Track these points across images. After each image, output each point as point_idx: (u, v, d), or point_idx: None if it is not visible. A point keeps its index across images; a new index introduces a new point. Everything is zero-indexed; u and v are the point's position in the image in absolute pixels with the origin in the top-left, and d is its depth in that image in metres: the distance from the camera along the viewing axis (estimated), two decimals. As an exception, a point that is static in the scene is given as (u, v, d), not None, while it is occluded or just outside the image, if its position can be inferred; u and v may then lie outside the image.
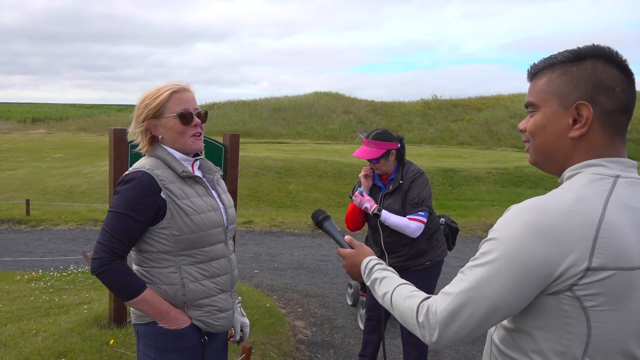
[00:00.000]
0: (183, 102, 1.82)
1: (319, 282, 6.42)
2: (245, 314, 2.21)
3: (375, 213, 3.16)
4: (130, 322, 4.07)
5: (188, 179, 1.85)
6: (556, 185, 1.14)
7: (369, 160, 3.23)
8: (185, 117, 1.82)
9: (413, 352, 3.38)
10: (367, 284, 1.39)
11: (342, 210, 11.79)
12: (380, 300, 1.30)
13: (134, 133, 1.87)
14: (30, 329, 3.94)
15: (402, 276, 3.60)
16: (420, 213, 3.15)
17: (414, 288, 1.23)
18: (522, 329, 1.08)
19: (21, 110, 55.92)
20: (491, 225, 1.22)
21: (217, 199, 1.96)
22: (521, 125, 1.21)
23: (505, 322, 1.13)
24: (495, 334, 1.17)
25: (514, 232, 1.01)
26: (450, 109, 34.44)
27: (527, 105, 1.17)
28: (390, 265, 3.25)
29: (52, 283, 5.85)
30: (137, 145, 1.91)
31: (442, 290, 1.12)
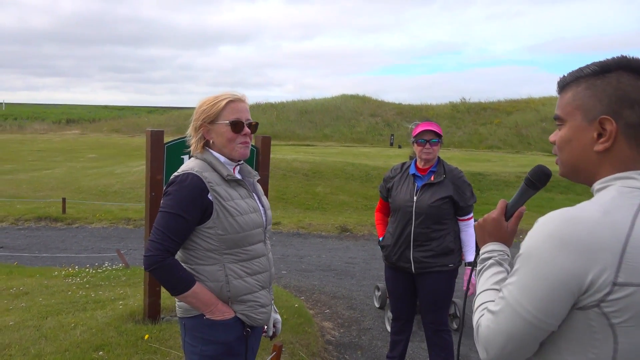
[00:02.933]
0: (237, 111, 1.95)
1: (346, 284, 6.46)
2: (278, 311, 2.31)
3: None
4: (164, 318, 4.21)
5: (232, 182, 1.96)
6: (588, 190, 1.15)
7: (430, 140, 3.21)
8: (236, 126, 1.94)
9: (439, 353, 3.39)
10: (477, 268, 1.30)
11: (368, 214, 11.82)
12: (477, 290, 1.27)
13: (190, 136, 2.00)
14: (69, 323, 4.10)
15: (422, 278, 3.58)
16: (472, 213, 3.30)
17: (489, 297, 1.18)
18: (550, 341, 1.08)
19: (56, 111, 57.68)
20: (520, 232, 1.22)
21: (258, 201, 2.06)
22: (551, 137, 1.22)
23: None
24: None
25: (538, 244, 1.02)
26: (479, 112, 34.04)
27: (555, 119, 1.19)
28: (414, 259, 3.26)
29: (88, 279, 6.04)
30: (179, 148, 2.03)
31: (487, 307, 1.14)
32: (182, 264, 1.95)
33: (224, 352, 1.95)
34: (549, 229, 1.02)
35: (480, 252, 1.33)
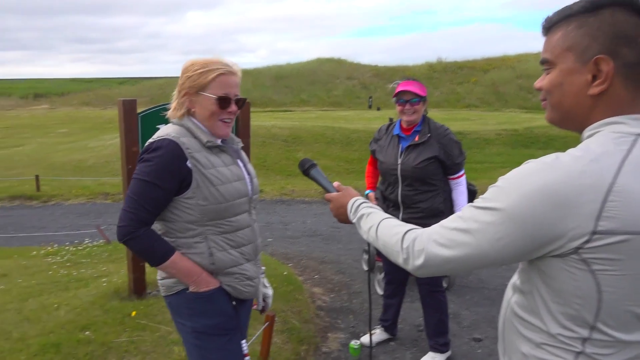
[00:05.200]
0: (226, 86, 1.80)
1: (334, 248, 6.42)
2: (268, 285, 2.21)
3: None
4: (150, 293, 4.10)
5: (214, 148, 1.82)
6: (567, 145, 1.09)
7: (410, 100, 3.07)
8: (223, 101, 1.79)
9: (434, 314, 3.38)
10: (354, 221, 1.40)
11: (352, 177, 11.78)
12: (365, 235, 1.31)
13: (174, 99, 1.85)
14: (52, 303, 3.96)
15: None
16: (462, 171, 3.21)
17: (402, 222, 1.23)
18: (535, 291, 1.05)
19: (22, 86, 55.71)
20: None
21: (243, 169, 1.93)
22: (537, 83, 1.13)
23: (519, 285, 1.12)
24: (513, 297, 1.15)
25: (521, 187, 0.97)
26: (456, 71, 33.98)
27: (542, 62, 1.10)
28: (404, 219, 3.18)
29: (68, 257, 5.88)
30: (154, 117, 1.88)
31: (438, 223, 1.12)
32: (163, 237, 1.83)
33: (215, 325, 1.86)
34: (533, 175, 0.97)
35: (350, 207, 1.43)
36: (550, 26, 1.08)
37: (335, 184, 1.58)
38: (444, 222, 1.10)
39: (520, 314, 1.10)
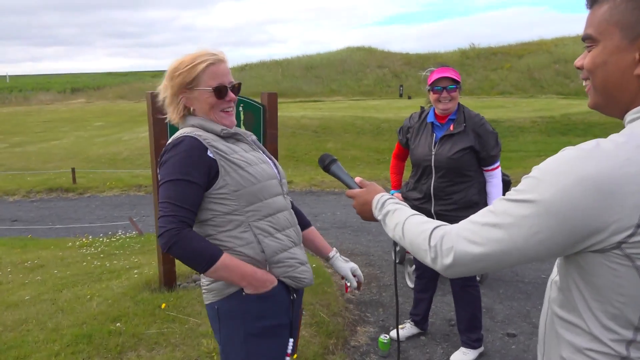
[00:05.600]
0: (218, 75, 1.73)
1: (363, 240, 6.35)
2: (347, 259, 2.09)
3: None
4: (180, 285, 4.13)
5: (229, 137, 1.76)
6: (606, 133, 0.98)
7: (446, 87, 2.97)
8: (220, 92, 1.73)
9: (467, 308, 3.27)
10: (379, 218, 1.34)
11: (381, 168, 11.64)
12: (391, 233, 1.26)
13: (165, 101, 1.79)
14: (85, 294, 4.04)
15: None
16: (497, 163, 3.09)
17: (430, 219, 1.16)
18: (574, 287, 0.99)
19: (60, 81, 57.32)
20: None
21: (264, 155, 1.87)
22: (577, 61, 1.03)
23: (558, 281, 1.05)
24: (552, 294, 1.08)
25: (559, 177, 0.90)
26: (489, 57, 33.12)
27: (584, 39, 1.00)
28: (436, 212, 3.10)
29: (102, 248, 6.00)
30: None
31: (467, 219, 1.04)
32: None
33: (274, 326, 1.74)
34: (571, 162, 0.90)
35: (375, 204, 1.37)
36: None
37: (357, 179, 1.54)
38: (474, 217, 1.03)
39: (560, 313, 1.03)
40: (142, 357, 3.08)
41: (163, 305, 3.64)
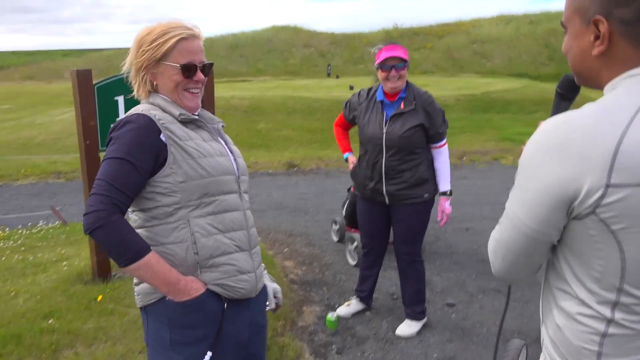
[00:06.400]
0: (190, 52, 1.59)
1: (301, 220, 6.35)
2: (274, 280, 1.96)
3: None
4: (115, 275, 3.92)
5: (188, 123, 1.62)
6: (523, 109, 1.06)
7: (395, 66, 2.96)
8: (188, 70, 1.59)
9: (413, 283, 3.37)
10: None
11: (314, 147, 11.66)
12: None
13: (129, 74, 1.65)
14: (8, 291, 3.73)
15: (397, 210, 3.50)
16: (444, 140, 3.15)
17: None
18: (562, 257, 1.05)
19: (-43, 60, 52.02)
20: (465, 153, 1.11)
21: (225, 147, 1.73)
22: (562, 48, 1.15)
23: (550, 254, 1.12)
24: (545, 264, 1.15)
25: (530, 152, 0.99)
26: (412, 37, 33.93)
27: (563, 27, 1.11)
28: (387, 192, 3.14)
29: (22, 241, 5.55)
30: (112, 89, 1.68)
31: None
32: (138, 230, 1.58)
33: (201, 336, 1.59)
34: (540, 135, 0.98)
35: None
36: None
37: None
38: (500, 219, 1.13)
39: (552, 282, 1.10)
40: (80, 355, 2.90)
41: (99, 298, 3.44)
